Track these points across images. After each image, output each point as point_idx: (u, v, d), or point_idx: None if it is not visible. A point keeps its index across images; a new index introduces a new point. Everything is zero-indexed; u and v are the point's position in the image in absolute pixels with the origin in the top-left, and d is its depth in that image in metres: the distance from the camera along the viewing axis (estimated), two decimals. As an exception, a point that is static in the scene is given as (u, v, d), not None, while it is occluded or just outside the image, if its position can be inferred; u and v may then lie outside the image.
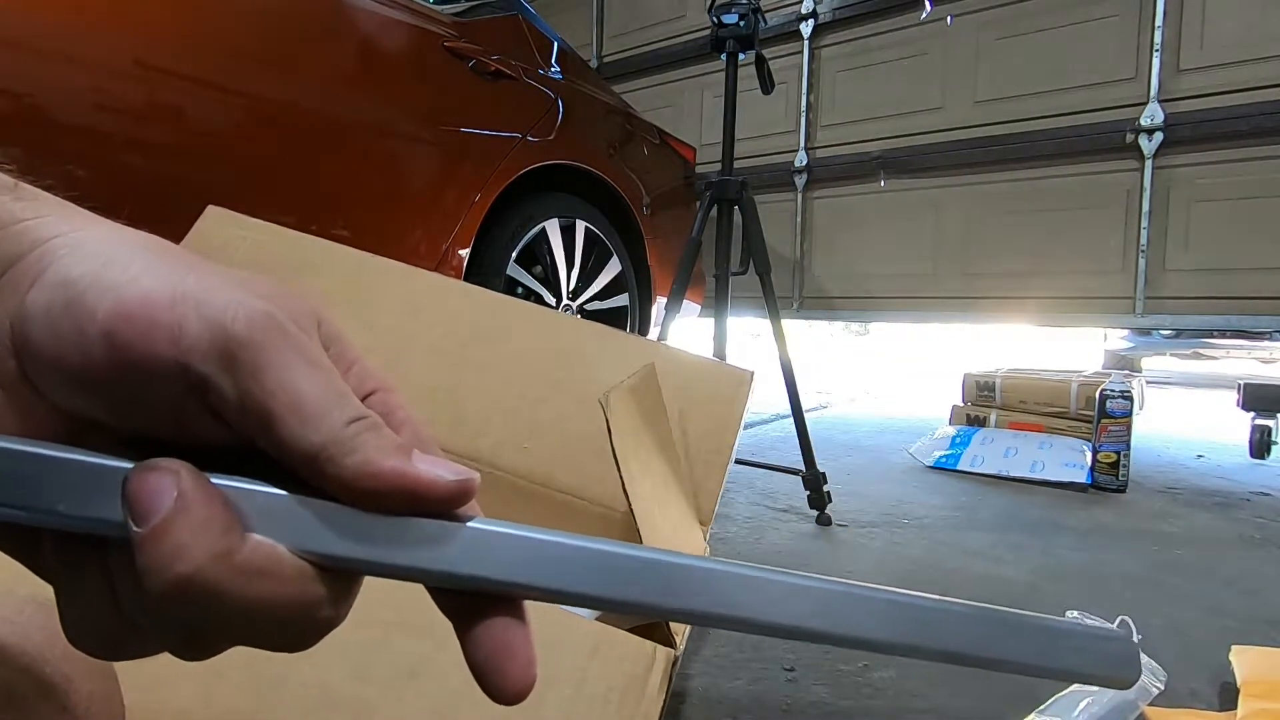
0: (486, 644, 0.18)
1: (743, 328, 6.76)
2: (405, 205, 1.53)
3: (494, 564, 0.18)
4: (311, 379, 0.17)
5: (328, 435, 0.16)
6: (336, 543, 0.17)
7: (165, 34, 1.14)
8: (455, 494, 0.18)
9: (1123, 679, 0.20)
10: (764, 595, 0.18)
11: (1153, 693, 0.78)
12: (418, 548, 0.17)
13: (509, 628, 0.18)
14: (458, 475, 0.18)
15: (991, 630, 0.19)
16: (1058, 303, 2.42)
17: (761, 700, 0.78)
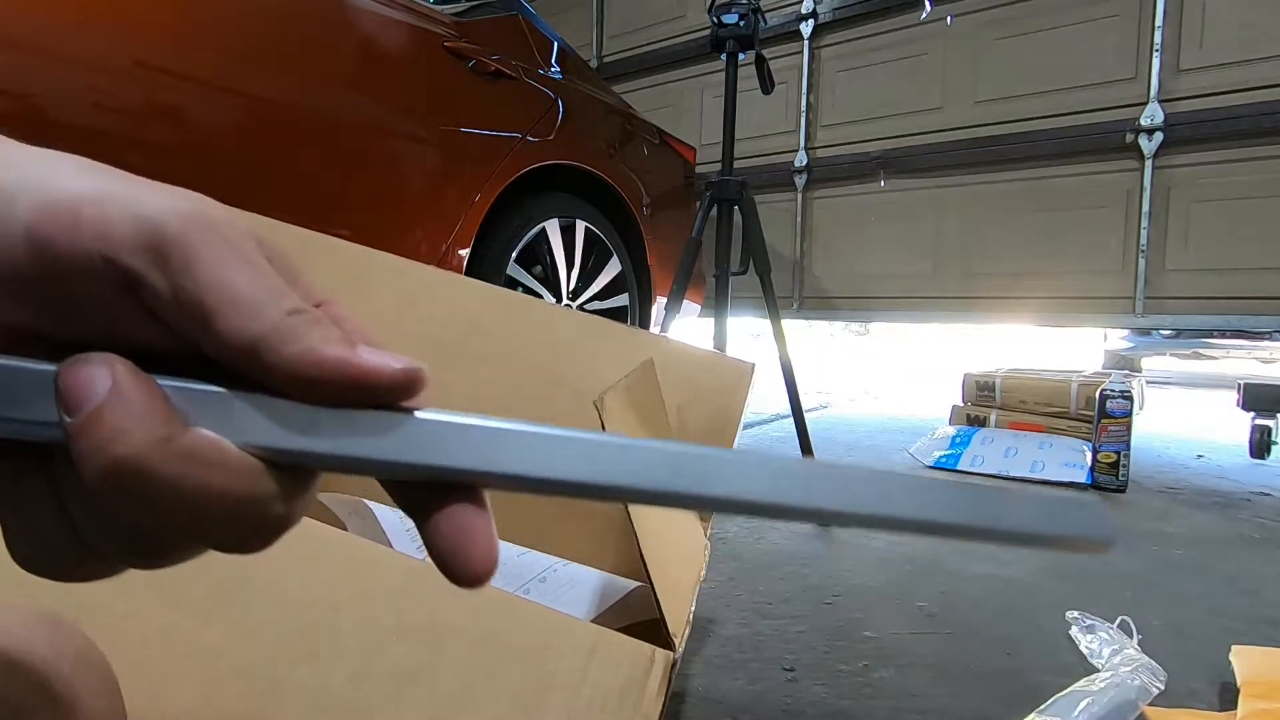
0: (447, 531, 0.17)
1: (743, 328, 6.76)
2: (405, 205, 1.53)
3: (447, 452, 0.17)
4: (248, 274, 0.16)
5: (267, 325, 0.16)
6: (283, 436, 0.17)
7: (165, 34, 1.14)
8: (403, 382, 0.17)
9: (1096, 541, 0.20)
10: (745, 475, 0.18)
11: (1153, 693, 0.78)
12: (368, 438, 0.17)
13: (469, 514, 0.18)
14: (406, 364, 0.17)
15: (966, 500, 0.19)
16: (1058, 303, 2.42)
17: (761, 700, 0.78)
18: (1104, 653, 0.87)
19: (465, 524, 0.18)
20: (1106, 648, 0.88)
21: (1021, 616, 1.03)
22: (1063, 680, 0.81)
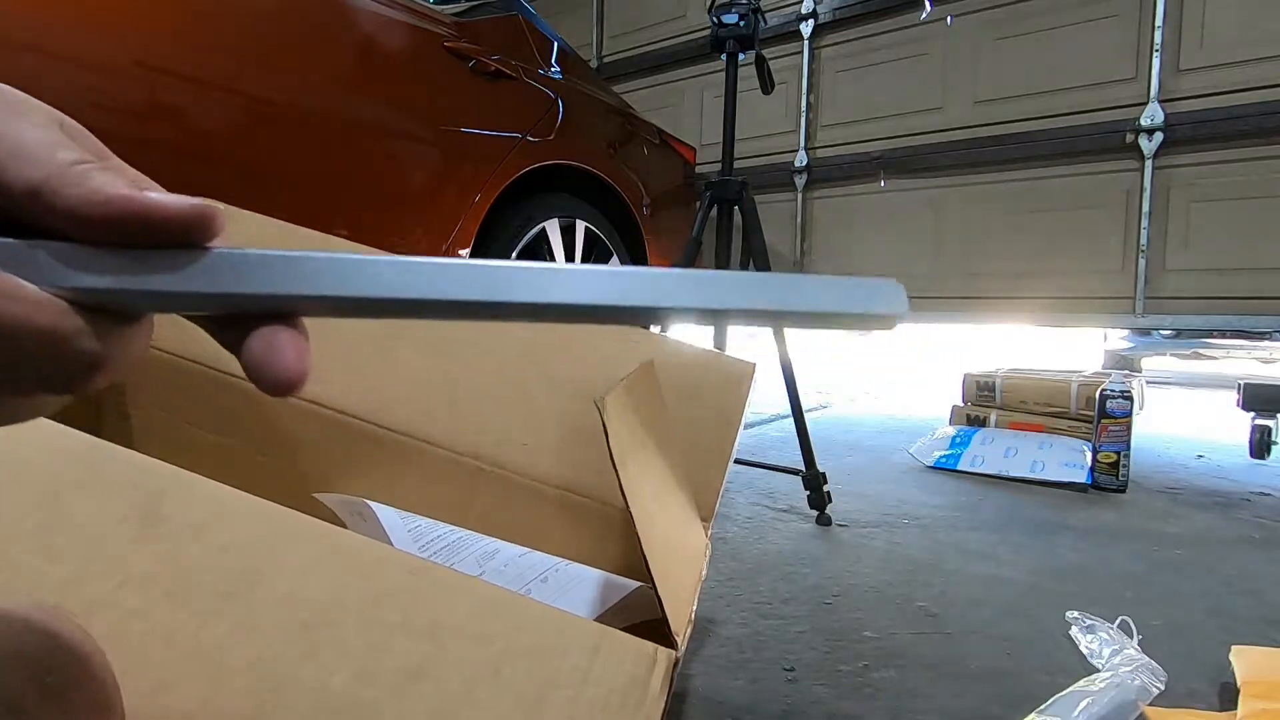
0: (256, 347, 0.19)
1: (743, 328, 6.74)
2: (405, 205, 1.53)
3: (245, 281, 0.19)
4: (31, 130, 0.17)
5: (51, 170, 0.17)
6: (80, 276, 0.17)
7: (165, 34, 1.14)
8: (194, 218, 0.18)
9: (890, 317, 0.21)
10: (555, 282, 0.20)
11: (1153, 693, 0.78)
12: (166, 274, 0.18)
13: (276, 331, 0.19)
14: (197, 201, 0.18)
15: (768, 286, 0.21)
16: (1058, 303, 2.42)
17: (761, 700, 0.78)
18: (1104, 653, 0.87)
19: (272, 339, 0.19)
20: (1106, 648, 0.88)
21: (1021, 616, 1.03)
22: (1063, 680, 0.81)
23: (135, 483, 0.38)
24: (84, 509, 0.37)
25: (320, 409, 0.74)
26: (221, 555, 0.37)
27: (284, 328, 0.20)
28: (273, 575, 0.37)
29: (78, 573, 0.35)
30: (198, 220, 0.18)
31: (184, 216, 0.18)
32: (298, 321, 0.20)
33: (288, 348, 0.19)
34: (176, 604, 0.35)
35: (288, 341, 0.19)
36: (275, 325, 0.19)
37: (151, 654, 0.34)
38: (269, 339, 0.19)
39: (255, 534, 0.38)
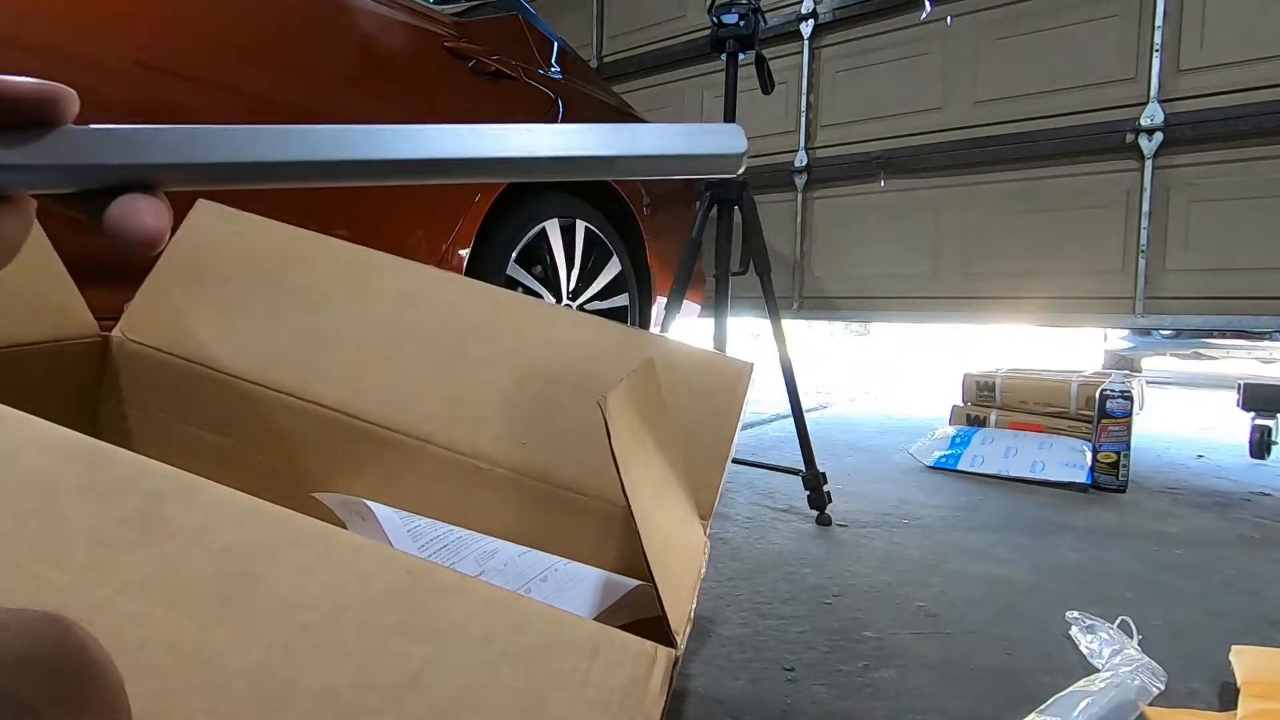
0: (115, 212, 0.20)
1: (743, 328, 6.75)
2: (405, 205, 1.53)
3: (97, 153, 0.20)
4: None
5: None
6: None
7: (164, 34, 1.14)
8: (45, 94, 0.19)
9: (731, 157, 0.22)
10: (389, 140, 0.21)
11: (1153, 693, 0.78)
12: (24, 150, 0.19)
13: (134, 198, 0.20)
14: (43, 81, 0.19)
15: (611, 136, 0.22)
16: (1058, 303, 2.42)
17: (761, 700, 0.78)
18: (1104, 653, 0.87)
19: (130, 204, 0.20)
20: (1106, 648, 0.88)
21: (1021, 616, 1.03)
22: (1063, 680, 0.81)
23: (134, 485, 0.38)
24: (83, 512, 0.37)
25: (319, 409, 0.74)
26: (221, 558, 0.37)
27: (141, 195, 0.20)
28: (272, 578, 0.37)
29: (79, 578, 0.35)
30: (49, 96, 0.19)
31: (34, 93, 0.19)
32: (157, 191, 0.21)
33: (146, 210, 0.20)
34: (177, 609, 0.35)
35: (145, 205, 0.20)
36: (133, 193, 0.20)
37: (153, 660, 0.34)
38: (127, 204, 0.20)
39: (255, 535, 0.38)
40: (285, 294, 0.79)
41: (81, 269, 0.76)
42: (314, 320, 0.78)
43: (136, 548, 0.37)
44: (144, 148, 0.20)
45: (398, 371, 0.76)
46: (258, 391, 0.75)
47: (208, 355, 0.76)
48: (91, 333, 0.76)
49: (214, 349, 0.76)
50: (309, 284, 0.80)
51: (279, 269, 0.81)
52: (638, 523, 0.42)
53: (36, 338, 0.70)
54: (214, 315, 0.78)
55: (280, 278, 0.80)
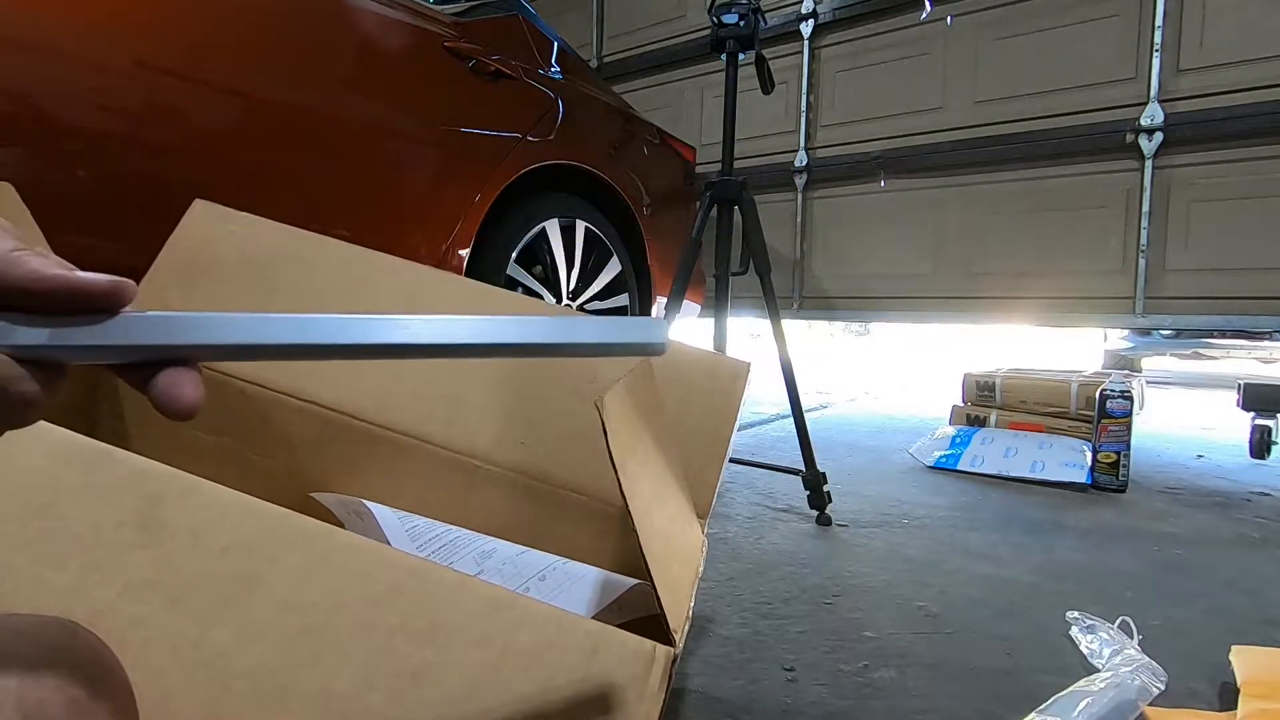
0: (161, 384, 0.24)
1: (743, 328, 6.75)
2: (405, 206, 1.53)
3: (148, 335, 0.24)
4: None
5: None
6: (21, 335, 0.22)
7: (165, 34, 1.14)
8: (113, 290, 0.24)
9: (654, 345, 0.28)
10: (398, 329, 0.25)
11: (1153, 693, 0.78)
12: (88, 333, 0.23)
13: (177, 372, 0.24)
14: (113, 278, 0.23)
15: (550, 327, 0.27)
16: (1058, 303, 2.42)
17: (761, 700, 0.78)
18: (1104, 653, 0.87)
19: (174, 378, 0.24)
20: (1107, 648, 0.88)
21: (1021, 616, 1.03)
22: (1063, 680, 0.81)
23: (132, 486, 0.38)
24: (82, 514, 0.37)
25: (317, 409, 0.74)
26: (221, 559, 0.37)
27: (183, 369, 0.25)
28: (272, 579, 0.37)
29: (80, 580, 0.35)
30: (114, 291, 0.24)
31: (104, 289, 0.23)
32: (193, 364, 0.25)
33: (185, 383, 0.24)
34: (178, 611, 0.35)
35: (185, 379, 0.24)
36: (176, 368, 0.24)
37: (156, 662, 0.34)
38: (170, 378, 0.24)
39: (253, 536, 0.38)
40: (283, 293, 0.79)
41: (80, 268, 0.76)
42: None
43: (136, 549, 0.36)
44: (185, 332, 0.24)
45: (396, 371, 0.76)
46: (255, 392, 0.75)
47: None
48: (90, 332, 0.76)
49: (213, 349, 0.76)
50: (307, 283, 0.80)
51: (277, 268, 0.80)
52: (635, 522, 0.42)
53: (35, 337, 0.69)
54: (213, 315, 0.77)
55: (278, 277, 0.80)
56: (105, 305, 0.24)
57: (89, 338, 0.23)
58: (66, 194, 1.05)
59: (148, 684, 0.33)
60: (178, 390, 0.24)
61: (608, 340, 0.27)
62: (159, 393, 0.24)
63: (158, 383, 0.24)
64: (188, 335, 0.24)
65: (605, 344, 0.27)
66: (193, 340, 0.24)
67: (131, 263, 0.81)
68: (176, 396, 0.24)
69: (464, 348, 0.26)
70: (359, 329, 0.25)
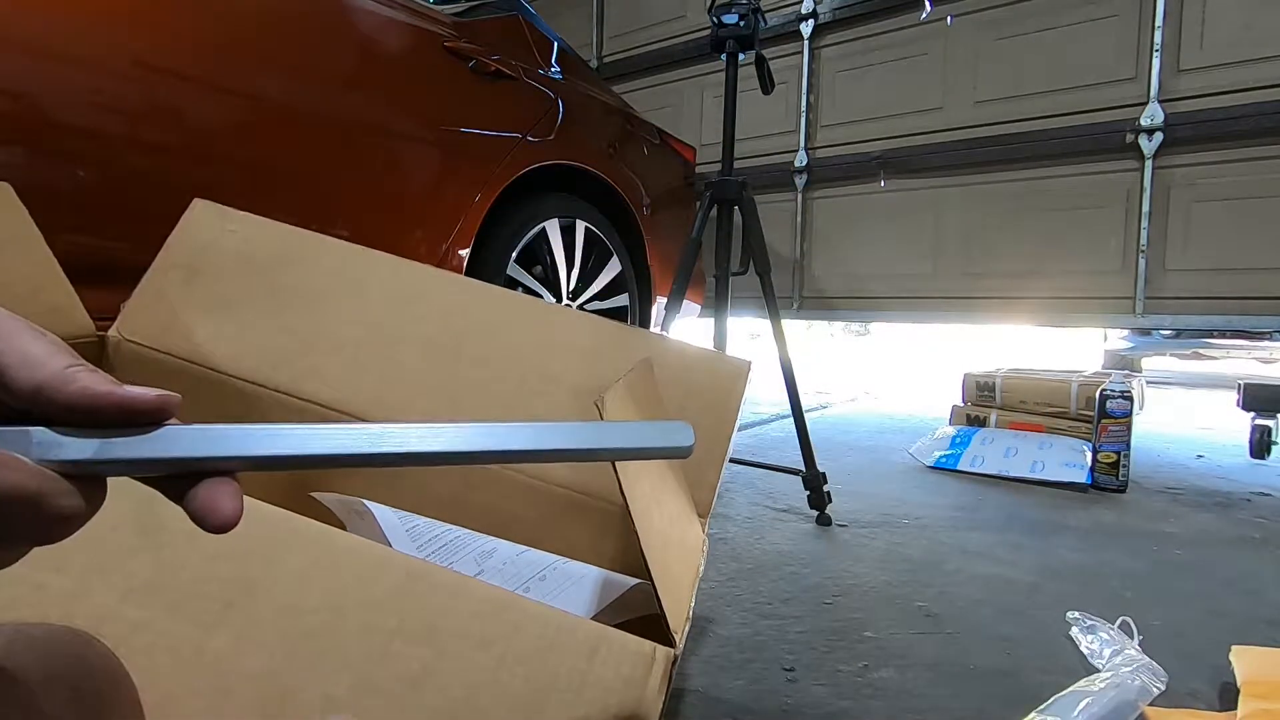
0: (200, 497, 0.24)
1: (743, 328, 6.75)
2: (405, 205, 1.53)
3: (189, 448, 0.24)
4: (35, 341, 0.23)
5: (51, 373, 0.22)
6: (67, 450, 0.22)
7: (164, 34, 1.14)
8: (160, 405, 0.24)
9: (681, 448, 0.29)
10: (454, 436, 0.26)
11: (1153, 693, 0.78)
12: (133, 446, 0.23)
13: (215, 484, 0.24)
14: (160, 393, 0.24)
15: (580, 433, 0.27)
16: (1058, 303, 2.42)
17: (761, 700, 0.78)
18: (1104, 653, 0.87)
19: (212, 491, 0.24)
20: (1107, 648, 0.88)
21: (1021, 616, 1.03)
22: (1063, 680, 0.81)
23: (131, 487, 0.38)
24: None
25: (317, 408, 0.74)
26: (220, 562, 0.37)
27: (221, 481, 0.24)
28: (271, 582, 0.37)
29: (81, 585, 0.35)
30: (161, 407, 0.24)
31: (151, 405, 0.23)
32: (232, 475, 0.25)
33: (224, 496, 0.24)
34: (179, 615, 0.35)
35: (225, 491, 0.24)
36: (214, 480, 0.24)
37: (157, 667, 0.34)
38: (210, 490, 0.24)
39: (253, 538, 0.38)
40: (282, 293, 0.79)
41: (78, 269, 0.76)
42: (311, 320, 0.78)
43: (135, 552, 0.36)
44: (227, 444, 0.24)
45: (395, 371, 0.76)
46: (254, 391, 0.75)
47: (204, 355, 0.76)
48: (88, 332, 0.76)
49: (210, 348, 0.76)
50: (306, 283, 0.80)
51: (276, 268, 0.80)
52: (635, 521, 0.41)
53: (34, 338, 0.69)
54: (211, 315, 0.77)
55: (277, 277, 0.80)
56: (152, 419, 0.24)
57: (134, 450, 0.23)
58: (66, 194, 1.05)
59: (150, 689, 0.32)
60: (217, 503, 0.24)
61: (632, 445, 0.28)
62: (199, 505, 0.24)
63: (198, 495, 0.24)
64: (230, 448, 0.24)
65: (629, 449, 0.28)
66: (235, 452, 0.24)
67: (132, 262, 0.81)
68: (216, 509, 0.24)
69: (496, 454, 0.27)
70: (395, 439, 0.26)
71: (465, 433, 0.26)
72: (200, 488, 0.24)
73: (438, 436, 0.26)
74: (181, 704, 0.33)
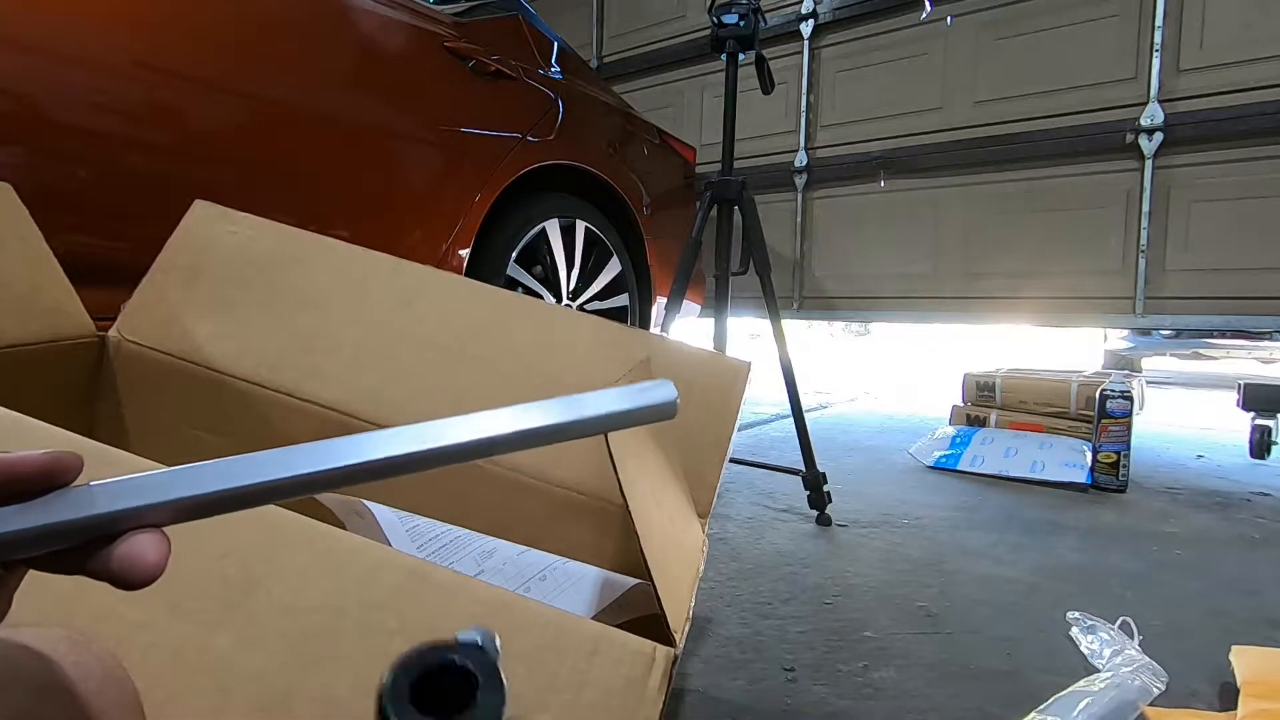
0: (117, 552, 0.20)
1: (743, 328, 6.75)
2: (405, 206, 1.53)
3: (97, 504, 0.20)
4: None
5: None
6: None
7: (165, 34, 1.14)
8: (48, 464, 0.20)
9: (666, 405, 0.26)
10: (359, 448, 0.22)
11: (1153, 693, 0.78)
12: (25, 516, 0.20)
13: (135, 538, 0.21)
14: (50, 451, 0.20)
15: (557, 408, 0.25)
16: (1058, 303, 2.42)
17: (761, 700, 0.78)
18: (1105, 653, 0.87)
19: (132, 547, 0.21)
20: (1107, 648, 0.88)
21: (1021, 616, 1.03)
22: (1063, 680, 0.81)
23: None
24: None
25: (317, 408, 0.74)
26: (221, 562, 0.37)
27: (144, 532, 0.21)
28: (272, 582, 0.37)
29: (79, 584, 0.35)
30: (53, 466, 0.20)
31: (41, 465, 0.20)
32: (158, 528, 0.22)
33: (147, 548, 0.21)
34: (180, 615, 0.35)
35: (146, 543, 0.21)
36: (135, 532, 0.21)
37: (158, 668, 0.34)
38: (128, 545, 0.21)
39: (253, 538, 0.38)
40: (283, 294, 0.79)
41: (78, 269, 0.76)
42: (311, 320, 0.78)
43: (134, 549, 0.36)
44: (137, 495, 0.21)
45: (395, 371, 0.76)
46: (255, 391, 0.75)
47: (205, 355, 0.76)
48: (88, 333, 0.76)
49: (211, 349, 0.76)
50: (306, 284, 0.80)
51: (276, 269, 0.80)
52: (635, 521, 0.41)
53: (33, 338, 0.70)
54: (211, 315, 0.77)
55: (277, 277, 0.80)
56: (44, 486, 0.20)
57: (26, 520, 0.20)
58: (66, 194, 1.05)
59: (150, 690, 0.32)
60: (138, 558, 0.20)
61: (615, 410, 0.26)
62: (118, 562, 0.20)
63: (114, 551, 0.21)
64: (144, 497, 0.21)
65: (613, 414, 0.26)
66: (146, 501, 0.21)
67: (132, 262, 0.81)
68: (141, 559, 0.20)
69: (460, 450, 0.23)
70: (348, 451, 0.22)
71: (431, 431, 0.23)
72: (117, 544, 0.21)
73: (396, 441, 0.23)
74: (182, 704, 0.33)
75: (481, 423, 0.24)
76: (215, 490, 0.22)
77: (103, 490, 0.21)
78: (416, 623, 0.36)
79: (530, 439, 0.25)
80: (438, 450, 0.23)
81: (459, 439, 0.23)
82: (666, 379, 0.26)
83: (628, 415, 0.26)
